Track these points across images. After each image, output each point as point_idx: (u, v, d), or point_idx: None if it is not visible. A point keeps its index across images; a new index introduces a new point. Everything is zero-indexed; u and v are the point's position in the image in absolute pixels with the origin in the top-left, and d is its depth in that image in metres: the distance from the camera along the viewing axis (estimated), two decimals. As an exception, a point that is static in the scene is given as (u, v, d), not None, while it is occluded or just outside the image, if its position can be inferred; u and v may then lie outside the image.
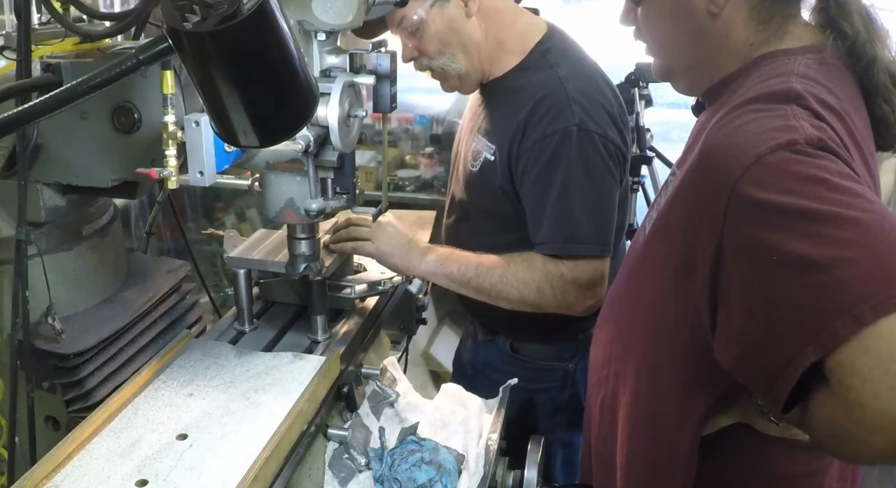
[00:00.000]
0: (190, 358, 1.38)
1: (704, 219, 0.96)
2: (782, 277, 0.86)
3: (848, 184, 0.87)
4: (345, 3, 1.22)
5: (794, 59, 1.04)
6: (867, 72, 1.07)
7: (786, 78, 1.00)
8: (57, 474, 1.08)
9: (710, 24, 1.09)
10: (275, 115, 1.02)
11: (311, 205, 1.35)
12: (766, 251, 0.87)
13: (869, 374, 0.79)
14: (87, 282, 1.54)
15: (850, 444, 0.86)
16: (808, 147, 0.89)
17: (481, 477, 1.31)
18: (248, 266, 1.53)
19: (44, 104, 1.02)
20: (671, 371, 1.12)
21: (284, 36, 0.95)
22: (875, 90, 1.08)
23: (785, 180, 0.88)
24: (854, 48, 1.07)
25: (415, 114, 3.68)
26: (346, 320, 1.60)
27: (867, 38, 1.06)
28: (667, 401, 1.13)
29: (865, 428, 0.81)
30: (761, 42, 1.08)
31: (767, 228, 0.88)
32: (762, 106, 0.97)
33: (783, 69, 1.03)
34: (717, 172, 0.93)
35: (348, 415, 1.41)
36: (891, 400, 0.78)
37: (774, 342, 0.88)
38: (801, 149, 0.88)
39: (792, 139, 0.89)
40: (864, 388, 0.80)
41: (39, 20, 1.51)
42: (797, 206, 0.86)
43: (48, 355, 1.41)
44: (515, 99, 1.69)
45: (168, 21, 0.90)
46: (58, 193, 1.46)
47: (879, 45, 1.08)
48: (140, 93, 1.30)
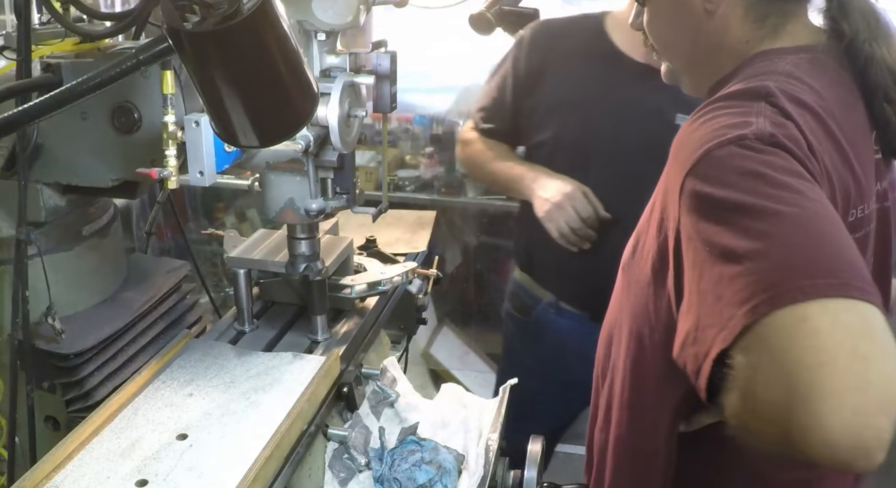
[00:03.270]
0: (190, 358, 1.38)
1: (668, 213, 0.98)
2: (713, 269, 0.87)
3: (788, 180, 0.87)
4: (345, 3, 1.22)
5: (783, 58, 1.05)
6: (865, 70, 1.07)
7: (766, 76, 1.01)
8: (57, 474, 1.08)
9: (707, 22, 1.11)
10: (275, 115, 1.02)
11: (311, 205, 1.35)
12: (703, 243, 0.89)
13: (759, 365, 0.80)
14: (87, 282, 1.54)
15: (750, 436, 0.87)
16: (756, 142, 0.89)
17: (481, 477, 1.31)
18: (248, 266, 1.53)
19: (44, 104, 1.03)
20: (651, 363, 1.14)
21: (284, 36, 0.95)
22: (874, 89, 1.08)
23: (726, 174, 0.89)
24: (852, 46, 1.07)
25: (415, 114, 3.68)
26: (346, 320, 1.59)
27: (868, 37, 1.06)
28: (647, 392, 1.16)
29: (758, 418, 0.82)
30: (757, 40, 1.09)
31: (705, 221, 0.89)
32: (732, 102, 0.98)
33: (768, 67, 1.04)
34: (677, 167, 0.96)
35: (348, 415, 1.41)
36: (778, 391, 0.78)
37: (699, 333, 0.89)
38: (749, 145, 0.89)
39: (741, 134, 0.90)
40: (755, 378, 0.80)
41: (39, 20, 1.51)
42: (732, 200, 0.87)
43: (48, 355, 1.41)
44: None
45: (168, 21, 0.90)
46: (58, 193, 1.46)
47: (882, 44, 1.07)
48: (140, 93, 1.30)
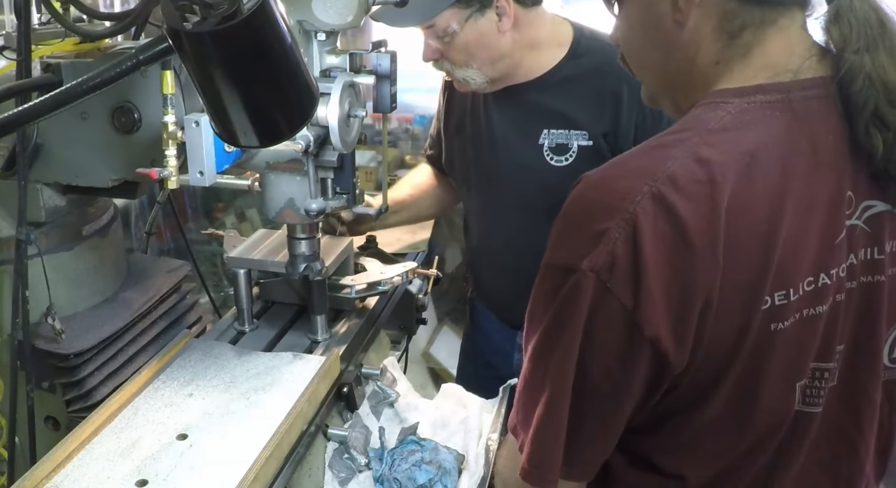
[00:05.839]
0: (190, 358, 1.38)
1: None
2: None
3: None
4: (345, 3, 1.22)
5: (729, 103, 0.90)
6: (847, 87, 0.89)
7: (687, 134, 0.89)
8: (57, 474, 1.08)
9: (678, 35, 0.95)
10: (275, 115, 1.02)
11: (311, 205, 1.35)
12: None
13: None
14: (87, 282, 1.54)
15: None
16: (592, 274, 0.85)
17: (481, 477, 1.31)
18: (248, 266, 1.53)
19: (44, 104, 1.03)
20: None
21: (284, 36, 0.95)
22: (856, 111, 0.89)
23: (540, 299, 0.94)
24: (837, 61, 0.90)
25: (415, 114, 3.68)
26: (346, 320, 1.60)
27: (861, 47, 0.89)
28: None
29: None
30: (726, 61, 0.94)
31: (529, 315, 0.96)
32: (614, 190, 0.87)
33: (703, 116, 0.91)
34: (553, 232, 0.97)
35: (348, 415, 1.41)
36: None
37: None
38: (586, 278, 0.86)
39: (582, 266, 0.86)
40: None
41: (39, 20, 1.51)
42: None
43: (48, 355, 1.41)
44: (589, 82, 1.70)
45: (168, 21, 0.90)
46: (58, 193, 1.46)
47: (879, 53, 0.89)
48: (140, 93, 1.30)
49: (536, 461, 0.94)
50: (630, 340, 0.85)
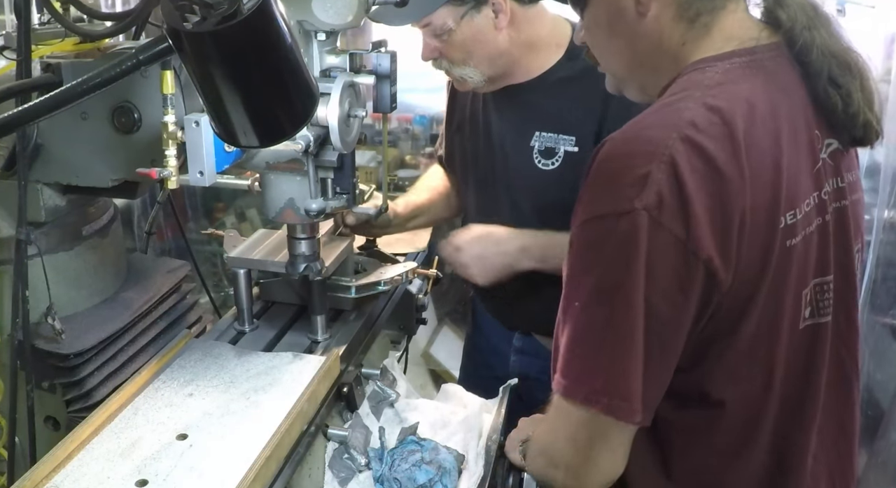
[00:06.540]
0: (190, 358, 1.38)
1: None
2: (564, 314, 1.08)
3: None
4: (345, 3, 1.22)
5: (714, 66, 1.04)
6: (807, 57, 1.07)
7: (691, 91, 1.02)
8: (57, 474, 1.08)
9: (641, 24, 1.09)
10: (275, 115, 1.02)
11: (311, 205, 1.35)
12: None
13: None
14: (87, 282, 1.54)
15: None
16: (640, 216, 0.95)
17: (481, 477, 1.31)
18: (248, 266, 1.53)
19: (44, 104, 1.03)
20: None
21: (284, 36, 0.95)
22: (817, 74, 1.07)
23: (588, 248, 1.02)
24: (790, 35, 1.07)
25: (415, 114, 3.68)
26: (346, 320, 1.60)
27: (806, 25, 1.07)
28: None
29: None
30: (692, 41, 1.08)
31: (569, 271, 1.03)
32: (638, 147, 1.00)
33: (697, 79, 1.04)
34: (581, 197, 1.04)
35: (348, 415, 1.41)
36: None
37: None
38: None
39: (622, 210, 0.96)
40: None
41: (39, 20, 1.51)
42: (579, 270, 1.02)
43: (48, 355, 1.41)
44: (582, 85, 1.69)
45: (168, 21, 0.90)
46: (58, 193, 1.46)
47: (822, 30, 1.08)
48: (140, 93, 1.30)
49: (623, 393, 0.98)
50: (686, 265, 0.95)
